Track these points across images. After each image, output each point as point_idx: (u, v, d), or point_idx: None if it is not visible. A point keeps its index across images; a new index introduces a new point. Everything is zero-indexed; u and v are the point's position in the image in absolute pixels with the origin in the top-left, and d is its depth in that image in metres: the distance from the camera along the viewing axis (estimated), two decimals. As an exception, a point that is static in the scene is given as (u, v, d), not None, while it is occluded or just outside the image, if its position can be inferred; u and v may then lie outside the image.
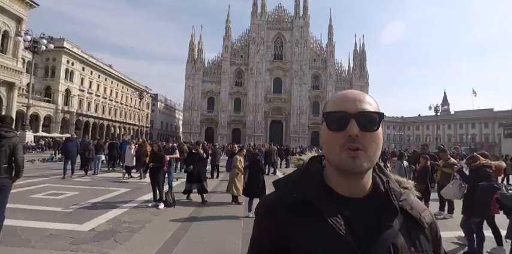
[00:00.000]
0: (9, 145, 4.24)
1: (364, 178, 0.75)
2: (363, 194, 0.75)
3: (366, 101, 0.74)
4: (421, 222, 0.74)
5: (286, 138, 61.73)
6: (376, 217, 0.71)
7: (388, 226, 0.69)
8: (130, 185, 10.99)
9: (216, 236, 5.37)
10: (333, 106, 0.76)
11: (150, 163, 7.90)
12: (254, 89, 63.59)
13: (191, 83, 63.73)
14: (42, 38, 18.12)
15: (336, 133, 0.72)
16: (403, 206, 0.74)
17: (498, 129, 61.23)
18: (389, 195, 0.74)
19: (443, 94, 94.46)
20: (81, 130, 52.19)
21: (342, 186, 0.74)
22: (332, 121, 0.73)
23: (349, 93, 0.77)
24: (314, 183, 0.76)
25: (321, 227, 0.68)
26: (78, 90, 51.75)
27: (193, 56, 64.79)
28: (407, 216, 0.73)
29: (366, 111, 0.72)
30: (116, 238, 5.01)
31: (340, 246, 0.66)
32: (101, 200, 8.07)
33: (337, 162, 0.72)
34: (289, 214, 0.72)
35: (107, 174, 14.13)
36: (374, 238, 0.68)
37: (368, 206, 0.73)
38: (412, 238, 0.72)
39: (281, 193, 0.77)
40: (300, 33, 65.09)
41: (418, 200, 0.80)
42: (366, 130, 0.71)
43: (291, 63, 64.60)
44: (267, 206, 0.77)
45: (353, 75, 65.99)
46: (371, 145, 0.71)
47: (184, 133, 64.38)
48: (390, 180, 0.79)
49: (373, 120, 0.72)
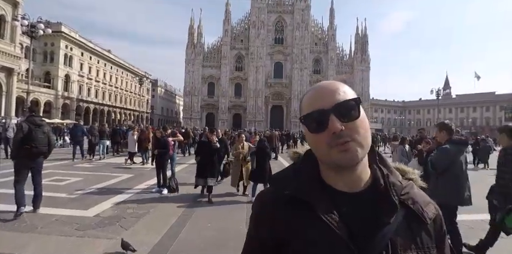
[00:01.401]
0: (45, 131, 5.45)
1: (358, 170, 0.70)
2: (361, 189, 0.71)
3: (338, 91, 0.69)
4: (423, 217, 0.70)
5: (287, 123, 61.66)
6: (374, 213, 0.67)
7: (386, 223, 0.66)
8: (133, 171, 11.08)
9: (221, 222, 5.44)
10: (307, 107, 0.71)
11: (155, 150, 7.91)
12: (255, 74, 62.86)
13: (191, 68, 62.94)
14: (39, 22, 17.65)
15: (320, 135, 0.67)
16: (405, 201, 0.69)
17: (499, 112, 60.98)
18: (389, 190, 0.69)
19: (445, 78, 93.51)
20: (82, 116, 52.16)
21: (337, 181, 0.71)
22: (311, 123, 0.69)
23: (319, 89, 0.72)
24: (309, 178, 0.72)
25: (316, 224, 0.66)
26: (77, 75, 51.26)
27: (193, 40, 63.57)
28: (408, 211, 0.69)
29: (341, 101, 0.68)
30: (121, 224, 5.08)
31: (335, 243, 0.64)
32: (105, 186, 8.16)
33: (330, 161, 0.68)
34: (283, 210, 0.70)
35: (109, 160, 14.24)
36: (371, 235, 0.65)
37: (366, 201, 0.69)
38: (413, 234, 0.68)
39: (276, 189, 0.75)
40: (301, 16, 63.45)
41: (423, 192, 0.75)
42: (348, 120, 0.67)
43: (292, 47, 63.44)
44: (262, 202, 0.76)
45: (355, 59, 64.93)
46: (359, 132, 0.67)
47: (185, 118, 64.31)
48: (391, 173, 0.74)
49: (353, 108, 0.68)
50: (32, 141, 5.22)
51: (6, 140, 12.85)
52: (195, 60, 62.79)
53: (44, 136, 5.40)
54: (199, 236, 4.68)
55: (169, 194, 7.35)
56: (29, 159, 5.32)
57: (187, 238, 4.58)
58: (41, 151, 5.41)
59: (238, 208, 6.42)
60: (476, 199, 4.26)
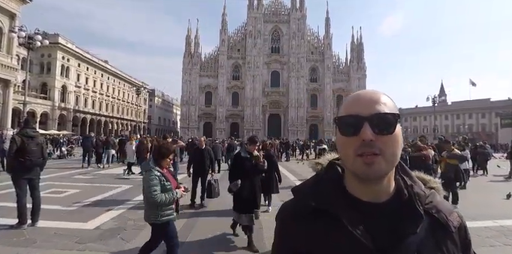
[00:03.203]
0: (38, 142, 5.44)
1: (384, 182, 0.70)
2: (385, 199, 0.70)
3: (380, 102, 0.69)
4: (448, 226, 0.69)
5: (285, 131, 61.71)
6: (400, 223, 0.67)
7: (411, 233, 0.65)
8: (132, 181, 10.93)
9: (225, 230, 5.34)
10: (345, 110, 0.71)
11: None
12: (252, 83, 63.26)
13: (188, 77, 63.26)
14: (36, 33, 17.73)
15: (349, 139, 0.67)
16: (429, 210, 0.69)
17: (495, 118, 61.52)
18: (413, 201, 0.69)
19: (441, 85, 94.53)
20: (79, 127, 51.92)
21: (361, 191, 0.70)
22: (344, 126, 0.69)
23: (361, 95, 0.72)
24: (333, 189, 0.72)
25: (341, 235, 0.65)
26: (74, 86, 51.28)
27: (190, 50, 64.14)
28: (433, 220, 0.68)
29: (380, 112, 0.67)
30: (123, 236, 4.97)
31: (361, 253, 0.63)
32: (104, 198, 8.03)
33: (352, 168, 0.68)
34: (306, 222, 0.70)
35: (107, 171, 14.08)
36: (397, 246, 0.64)
37: (391, 211, 0.68)
38: (439, 244, 0.67)
39: (299, 200, 0.74)
40: (297, 25, 64.45)
41: (445, 201, 0.75)
42: (381, 133, 0.66)
43: (288, 56, 64.13)
44: (286, 214, 0.76)
45: (351, 67, 65.67)
46: (389, 149, 0.66)
47: (182, 128, 64.21)
48: (414, 183, 0.73)
49: (389, 122, 0.67)
50: (25, 154, 5.17)
51: (3, 152, 12.70)
52: (192, 70, 63.18)
53: (37, 148, 5.37)
54: (203, 245, 4.58)
55: (170, 205, 7.23)
56: (24, 172, 5.25)
57: (191, 248, 4.48)
58: (36, 163, 5.36)
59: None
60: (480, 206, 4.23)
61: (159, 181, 3.30)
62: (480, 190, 10.34)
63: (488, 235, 5.15)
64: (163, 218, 3.34)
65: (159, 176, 3.32)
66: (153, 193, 3.22)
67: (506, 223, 5.91)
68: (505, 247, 4.73)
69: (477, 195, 9.15)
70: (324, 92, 64.62)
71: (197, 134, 53.77)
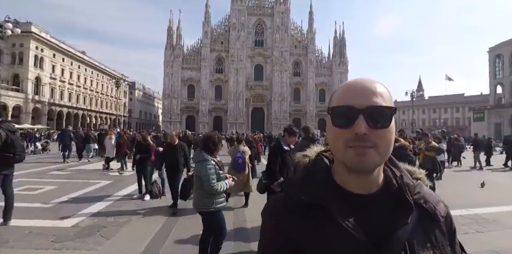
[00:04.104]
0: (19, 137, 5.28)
1: (375, 174, 0.69)
2: (375, 190, 0.69)
3: (377, 93, 0.65)
4: (436, 216, 0.69)
5: (268, 125, 61.91)
6: (390, 214, 0.66)
7: (403, 224, 0.64)
8: (111, 177, 10.65)
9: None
10: (339, 100, 0.67)
11: (136, 155, 7.58)
12: (235, 76, 62.75)
13: (170, 70, 61.92)
14: (7, 21, 16.64)
15: (342, 130, 0.65)
16: (417, 200, 0.69)
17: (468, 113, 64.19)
18: (403, 191, 0.68)
19: (419, 81, 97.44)
20: (55, 121, 49.91)
21: (351, 183, 0.69)
22: (337, 117, 0.66)
23: (357, 84, 0.68)
24: (322, 182, 0.70)
25: (333, 228, 0.64)
26: (49, 78, 49.00)
27: (172, 42, 62.62)
28: (421, 210, 0.68)
29: (376, 105, 0.64)
30: (102, 233, 4.81)
31: (354, 247, 0.62)
32: (82, 194, 7.75)
33: (343, 160, 0.66)
34: (297, 216, 0.67)
35: (85, 166, 13.64)
36: (389, 236, 0.63)
37: (380, 202, 0.67)
38: (428, 233, 0.67)
39: (288, 194, 0.72)
40: (281, 19, 64.16)
41: (432, 191, 0.74)
42: (376, 127, 0.63)
43: (272, 50, 63.93)
44: (274, 209, 0.73)
45: (333, 61, 66.35)
46: (382, 142, 0.64)
47: (164, 122, 63.07)
48: (404, 174, 0.73)
49: (385, 116, 0.64)
50: (12, 149, 4.95)
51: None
52: (174, 62, 61.86)
53: (21, 142, 5.36)
54: (186, 243, 4.52)
55: (152, 201, 7.09)
56: (5, 168, 4.99)
57: (174, 246, 4.40)
58: (22, 158, 5.21)
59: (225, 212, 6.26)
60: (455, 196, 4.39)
61: (215, 171, 3.46)
62: (455, 180, 10.80)
63: (462, 222, 5.38)
64: (218, 206, 3.53)
65: (214, 165, 3.49)
66: (211, 181, 3.38)
67: (478, 211, 6.21)
68: (478, 234, 4.96)
69: (452, 185, 9.54)
70: (307, 86, 65.10)
71: (180, 128, 53.05)
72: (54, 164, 13.90)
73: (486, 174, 12.25)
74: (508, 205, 6.84)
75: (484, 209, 6.42)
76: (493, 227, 5.27)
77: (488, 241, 4.42)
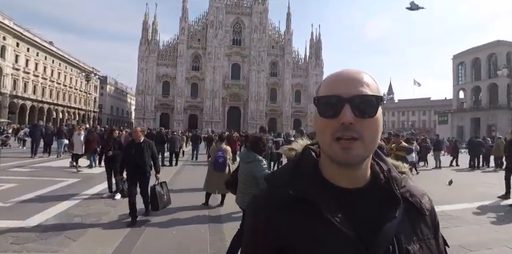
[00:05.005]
0: None
1: (362, 168, 0.68)
2: (363, 184, 0.69)
3: (363, 82, 0.65)
4: (422, 209, 0.70)
5: (244, 124, 61.80)
6: (377, 208, 0.66)
7: (391, 217, 0.64)
8: (79, 175, 10.11)
9: (181, 226, 5.13)
10: (325, 90, 0.67)
11: (108, 152, 7.22)
12: (212, 74, 62.02)
13: (145, 66, 59.96)
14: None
15: (329, 121, 0.64)
16: (403, 194, 0.68)
17: (434, 116, 67.89)
18: (391, 184, 0.68)
19: (389, 84, 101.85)
20: (17, 115, 46.72)
21: (339, 177, 0.68)
22: (324, 107, 0.65)
23: (343, 74, 0.68)
24: (309, 176, 0.69)
25: (320, 224, 0.63)
26: (11, 68, 45.66)
27: (147, 36, 60.68)
28: (407, 204, 0.68)
29: (362, 94, 0.63)
30: (68, 234, 4.52)
31: (343, 242, 0.61)
32: (46, 193, 7.28)
33: (329, 153, 0.65)
34: (284, 212, 0.65)
35: (50, 163, 12.87)
36: (376, 231, 0.63)
37: (368, 197, 0.67)
38: (414, 227, 0.67)
39: (274, 189, 0.70)
40: (259, 19, 64.22)
41: (416, 185, 0.74)
42: (362, 116, 0.63)
43: (250, 49, 63.84)
44: (260, 204, 0.70)
45: (309, 63, 67.47)
46: (368, 133, 0.63)
47: (137, 118, 60.99)
48: (391, 167, 0.73)
49: (371, 105, 0.64)
50: None
51: None
52: (149, 58, 60.02)
53: None
54: (158, 244, 4.35)
55: (123, 199, 6.77)
56: None
57: (145, 247, 4.22)
58: None
59: (199, 211, 6.14)
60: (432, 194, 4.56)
61: None
62: (424, 178, 11.36)
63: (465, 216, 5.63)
64: None
65: (265, 165, 3.73)
66: None
67: (445, 208, 6.54)
68: (443, 229, 5.12)
69: (421, 183, 9.96)
70: (283, 87, 65.70)
71: (153, 125, 51.64)
72: (16, 160, 12.97)
73: (452, 173, 12.99)
74: (471, 202, 7.28)
75: (450, 206, 6.78)
76: (457, 223, 5.57)
77: (454, 237, 4.65)
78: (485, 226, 5.51)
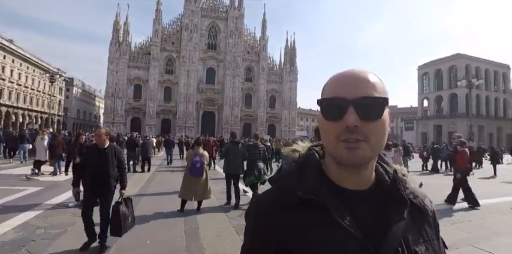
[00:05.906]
0: None
1: (368, 169, 0.67)
2: (368, 186, 0.68)
3: (369, 83, 0.63)
4: (425, 211, 0.70)
5: (219, 129, 61.26)
6: (384, 210, 0.65)
7: (399, 219, 0.63)
8: (42, 183, 9.40)
9: (156, 235, 4.88)
10: (330, 91, 0.65)
11: (75, 158, 6.77)
12: (186, 78, 61.08)
13: (115, 68, 57.76)
14: None
15: (333, 123, 0.63)
16: (408, 196, 0.68)
17: (400, 123, 71.48)
18: (397, 186, 0.68)
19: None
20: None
21: (344, 179, 0.67)
22: (328, 109, 0.64)
23: (348, 75, 0.65)
24: (315, 177, 0.67)
25: (328, 226, 0.61)
26: (-36, 68, 42.20)
27: (118, 37, 58.68)
28: (412, 205, 0.68)
29: (368, 96, 0.61)
30: (29, 248, 4.13)
31: (351, 245, 0.60)
32: (3, 203, 6.67)
33: (334, 154, 0.64)
34: (290, 213, 0.64)
35: (8, 170, 11.88)
36: (384, 233, 0.62)
37: (374, 198, 0.66)
38: (419, 228, 0.67)
39: (278, 191, 0.69)
40: (235, 24, 64.52)
41: (417, 187, 0.75)
42: (367, 119, 0.61)
43: (225, 54, 63.79)
44: (266, 206, 0.68)
45: (284, 69, 68.58)
46: (374, 135, 0.62)
47: (106, 123, 58.30)
48: (397, 169, 0.73)
49: (377, 107, 0.62)
50: None
51: None
52: (120, 60, 57.99)
53: None
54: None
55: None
56: None
57: (118, 259, 3.95)
58: None
59: (174, 219, 5.89)
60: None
61: None
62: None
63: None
64: None
65: None
66: None
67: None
68: None
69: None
70: (258, 92, 66.11)
71: (124, 130, 49.71)
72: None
73: (420, 177, 13.58)
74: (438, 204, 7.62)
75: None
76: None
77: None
78: (451, 227, 5.76)
